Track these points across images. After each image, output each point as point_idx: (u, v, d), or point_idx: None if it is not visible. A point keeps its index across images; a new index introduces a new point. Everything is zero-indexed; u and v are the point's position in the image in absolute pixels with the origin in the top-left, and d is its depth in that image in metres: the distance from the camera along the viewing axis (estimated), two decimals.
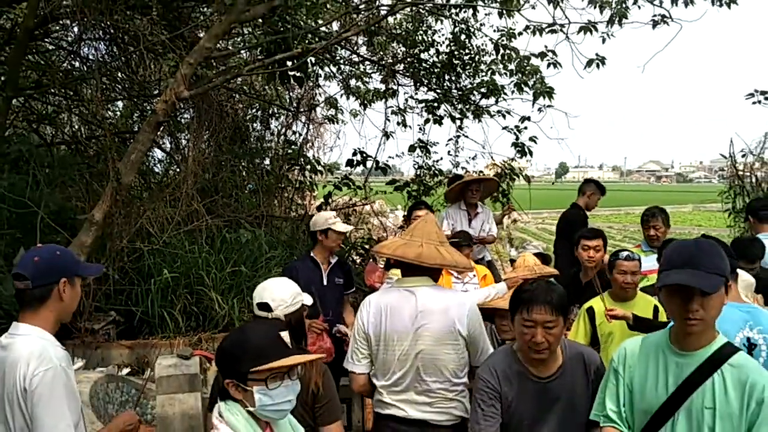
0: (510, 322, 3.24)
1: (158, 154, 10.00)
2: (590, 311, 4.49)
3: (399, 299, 3.40)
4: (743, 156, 9.79)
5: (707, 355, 2.49)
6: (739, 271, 4.28)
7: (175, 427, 4.97)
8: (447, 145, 10.52)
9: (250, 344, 2.33)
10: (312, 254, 5.51)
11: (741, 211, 9.59)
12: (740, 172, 9.67)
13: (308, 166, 10.16)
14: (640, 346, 2.66)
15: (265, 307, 3.27)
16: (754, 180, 9.69)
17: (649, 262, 5.19)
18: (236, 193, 8.97)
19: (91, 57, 9.23)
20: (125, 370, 6.47)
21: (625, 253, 4.56)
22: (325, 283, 5.41)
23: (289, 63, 7.37)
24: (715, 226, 24.47)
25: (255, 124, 10.43)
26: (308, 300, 3.48)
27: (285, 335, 2.49)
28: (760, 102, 8.82)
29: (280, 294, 3.32)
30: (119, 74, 9.43)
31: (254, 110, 10.37)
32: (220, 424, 2.33)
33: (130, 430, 2.98)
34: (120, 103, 10.27)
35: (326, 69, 10.20)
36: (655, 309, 4.39)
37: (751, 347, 3.11)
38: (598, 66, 8.80)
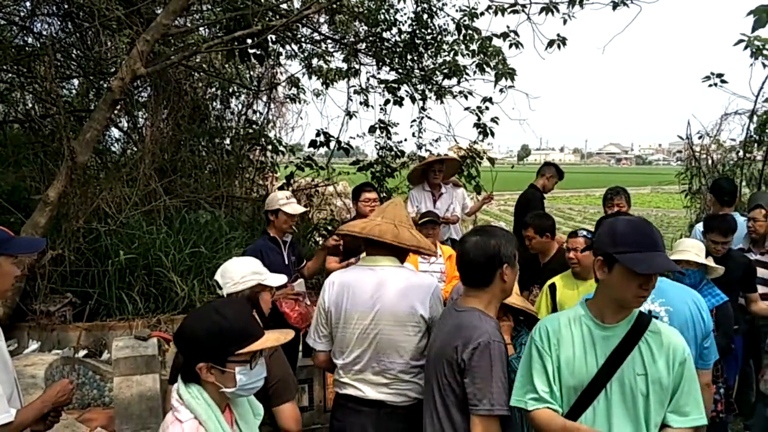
0: None
1: (115, 133, 9.80)
2: (552, 287, 4.56)
3: (362, 277, 3.35)
4: (700, 138, 9.93)
5: (630, 326, 2.58)
6: (686, 242, 4.40)
7: (132, 409, 4.90)
8: (411, 126, 10.54)
9: (234, 327, 2.29)
10: (271, 232, 5.47)
11: (698, 192, 9.77)
12: (697, 154, 9.81)
13: (270, 147, 10.06)
14: (559, 324, 2.68)
15: (216, 284, 3.27)
16: (710, 162, 9.85)
17: None
18: (195, 173, 8.84)
19: (44, 33, 9.00)
20: (82, 353, 6.36)
21: (580, 231, 4.64)
22: (286, 262, 5.37)
23: (249, 41, 7.25)
24: (672, 207, 24.94)
25: (215, 103, 10.25)
26: (275, 281, 3.43)
27: (255, 314, 2.46)
28: (716, 85, 8.93)
29: (229, 273, 3.29)
30: (74, 51, 9.20)
31: (214, 89, 10.19)
32: (180, 407, 2.30)
33: (63, 399, 2.93)
34: (75, 81, 10.02)
35: (287, 47, 10.09)
36: None
37: None
38: (559, 47, 8.87)
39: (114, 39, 8.47)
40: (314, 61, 10.45)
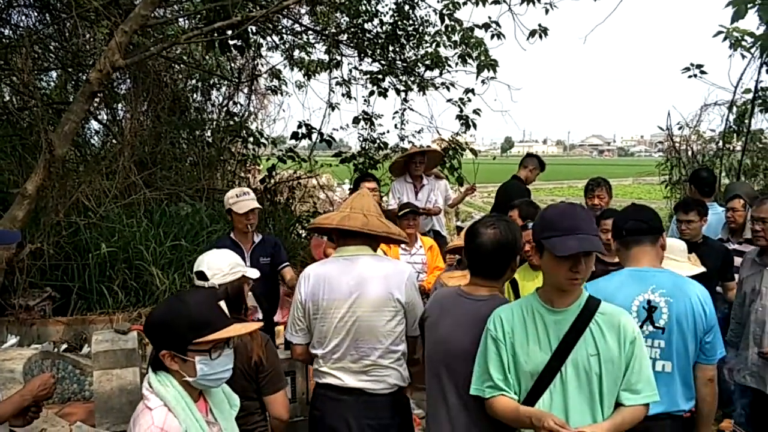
0: None
1: (94, 125, 9.70)
2: (513, 282, 4.60)
3: (338, 268, 3.37)
4: (680, 129, 10.00)
5: (579, 309, 2.65)
6: (669, 240, 4.41)
7: (112, 403, 4.87)
8: (393, 118, 10.53)
9: (192, 315, 2.28)
10: (232, 235, 5.19)
11: (678, 182, 9.83)
12: (677, 145, 9.88)
13: (251, 139, 10.00)
14: (512, 312, 2.73)
15: (201, 275, 3.24)
16: (690, 152, 9.92)
17: None
18: (176, 166, 8.77)
19: (21, 24, 8.88)
20: (62, 347, 6.31)
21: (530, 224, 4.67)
22: (247, 264, 4.78)
23: (229, 32, 7.20)
24: (654, 198, 25.08)
25: (195, 95, 10.19)
26: (252, 273, 3.43)
27: (222, 304, 2.45)
28: (696, 76, 8.99)
29: (216, 263, 3.28)
30: (52, 42, 9.09)
31: (194, 81, 10.12)
32: (150, 395, 2.29)
33: (44, 393, 2.91)
34: (53, 73, 9.91)
35: (268, 39, 10.03)
36: None
37: (651, 309, 3.14)
38: (540, 37, 8.88)
39: (92, 30, 8.39)
40: (296, 53, 10.41)
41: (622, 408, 2.63)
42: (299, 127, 9.98)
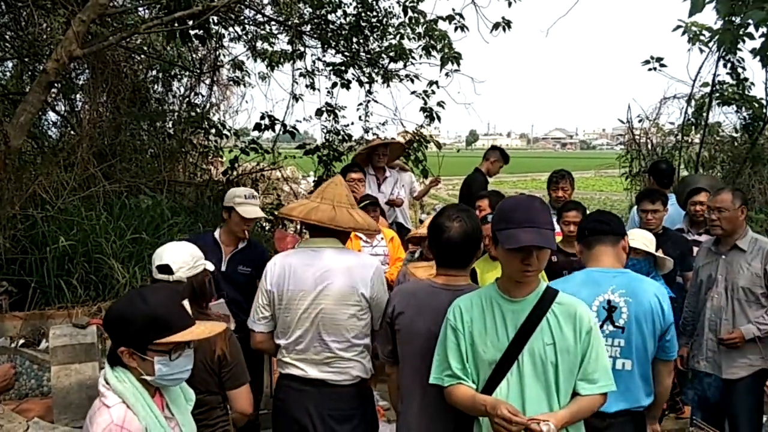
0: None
1: (52, 116, 9.49)
2: (473, 272, 4.66)
3: (304, 259, 3.36)
4: (640, 122, 10.15)
5: (537, 299, 2.69)
6: (635, 231, 4.48)
7: (72, 398, 4.79)
8: (358, 110, 10.53)
9: (155, 315, 2.25)
10: (216, 233, 4.76)
11: (638, 174, 9.98)
12: (637, 138, 10.03)
13: (213, 130, 9.89)
14: (472, 302, 2.77)
15: (165, 269, 3.19)
16: (649, 145, 10.07)
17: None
18: (136, 158, 8.64)
19: None
20: (19, 342, 6.18)
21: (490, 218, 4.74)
22: (223, 268, 4.60)
23: (190, 22, 7.10)
24: (615, 190, 25.43)
25: (156, 86, 10.02)
26: (210, 266, 3.40)
27: (186, 303, 2.42)
28: (655, 69, 9.12)
29: (181, 256, 3.23)
30: (7, 32, 8.86)
31: (155, 71, 9.96)
32: (107, 392, 2.26)
33: (4, 383, 2.86)
34: (9, 63, 9.67)
35: (231, 29, 9.91)
36: None
37: (611, 309, 3.22)
38: (504, 30, 8.92)
39: (49, 19, 8.21)
40: (258, 44, 10.30)
41: (579, 397, 2.66)
42: (262, 118, 9.90)
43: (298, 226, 7.73)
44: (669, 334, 3.26)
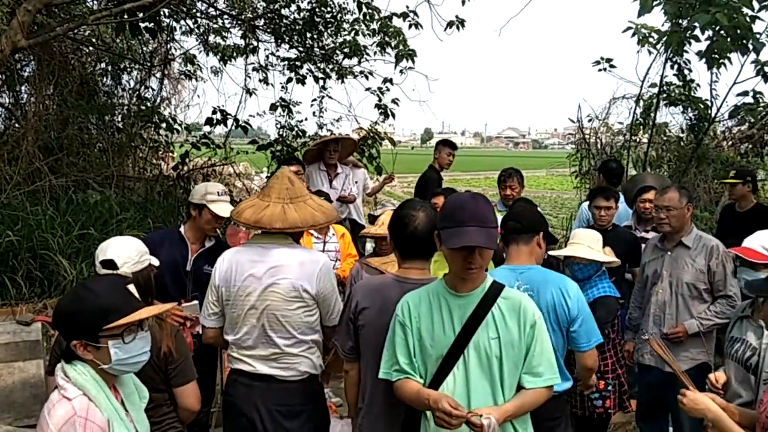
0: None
1: None
2: None
3: (252, 256, 3.34)
4: (590, 121, 10.31)
5: (483, 293, 2.71)
6: (580, 232, 4.54)
7: (14, 396, 4.68)
8: (312, 105, 10.48)
9: (100, 301, 2.25)
10: (182, 229, 4.52)
11: (587, 173, 10.15)
12: (587, 137, 10.19)
13: (164, 124, 9.73)
14: (420, 298, 2.79)
15: (109, 264, 3.13)
16: (599, 144, 10.25)
17: None
18: (84, 152, 8.45)
19: None
20: None
21: None
22: (188, 267, 4.42)
23: (140, 14, 6.97)
24: (566, 189, 25.84)
25: (105, 79, 9.82)
26: (155, 261, 3.36)
27: (132, 288, 2.44)
28: (605, 69, 9.28)
29: (126, 251, 3.19)
30: None
31: (104, 64, 9.75)
32: (67, 384, 2.23)
33: None
34: None
35: (182, 22, 9.76)
36: None
37: None
38: (458, 28, 8.98)
39: None
40: (211, 38, 10.17)
41: (523, 391, 2.69)
42: (214, 112, 9.79)
43: None
44: (575, 326, 3.34)
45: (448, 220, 2.65)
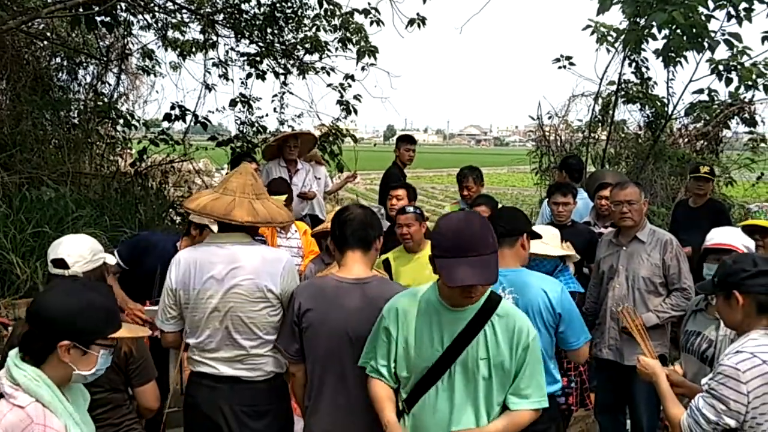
0: None
1: None
2: (386, 262, 4.82)
3: (209, 256, 3.20)
4: (549, 119, 10.41)
5: (477, 310, 2.62)
6: (542, 228, 4.58)
7: None
8: (272, 101, 10.40)
9: (106, 308, 2.25)
10: (179, 243, 4.48)
11: (547, 170, 10.25)
12: (546, 134, 10.28)
13: (121, 120, 9.55)
14: (409, 303, 2.72)
15: (60, 263, 3.06)
16: (558, 141, 10.34)
17: None
18: (38, 148, 8.25)
19: None
20: None
21: (408, 208, 4.87)
22: None
23: (96, 8, 6.83)
24: (527, 185, 26.07)
25: (60, 74, 9.59)
26: (111, 259, 3.29)
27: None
28: (565, 67, 9.38)
29: (77, 250, 3.12)
30: None
31: (59, 58, 9.53)
32: (17, 392, 2.13)
33: None
34: None
35: (140, 17, 9.59)
36: None
37: None
38: (419, 26, 8.98)
39: None
40: (169, 32, 10.03)
41: (508, 412, 2.65)
42: (172, 108, 9.63)
43: None
44: (562, 326, 3.34)
45: (444, 249, 2.49)
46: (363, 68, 9.60)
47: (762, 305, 2.70)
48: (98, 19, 7.31)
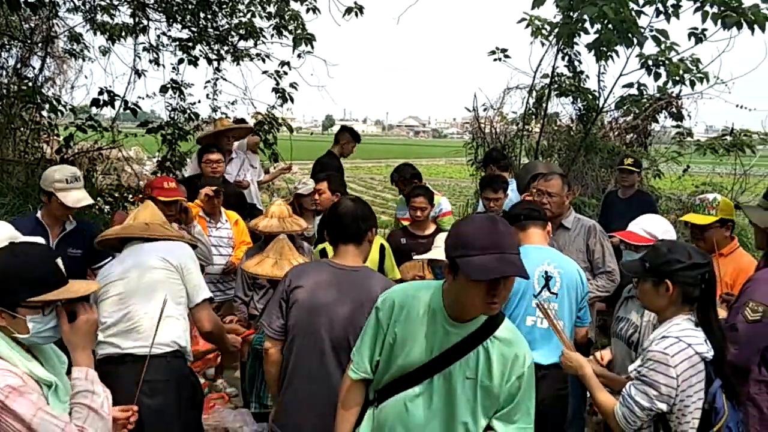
0: None
1: None
2: (323, 252, 4.72)
3: (120, 257, 3.62)
4: (485, 110, 10.47)
5: (476, 327, 2.47)
6: (442, 235, 4.65)
7: None
8: (205, 87, 10.20)
9: (27, 272, 2.21)
10: (38, 214, 4.49)
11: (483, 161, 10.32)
12: (482, 125, 10.35)
13: (47, 105, 9.19)
14: (408, 299, 2.58)
15: None
16: (493, 133, 10.42)
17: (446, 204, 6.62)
18: None
19: None
20: None
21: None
22: None
23: None
24: (462, 177, 26.33)
25: None
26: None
27: (59, 261, 2.38)
28: (500, 59, 9.44)
29: None
30: None
31: None
32: None
33: None
34: None
35: None
36: None
37: (548, 279, 3.77)
38: (356, 15, 8.89)
39: None
40: (98, 16, 9.69)
41: None
42: (100, 93, 9.27)
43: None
44: (583, 303, 3.92)
45: (468, 246, 2.31)
46: (299, 56, 9.47)
47: (687, 295, 2.82)
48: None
